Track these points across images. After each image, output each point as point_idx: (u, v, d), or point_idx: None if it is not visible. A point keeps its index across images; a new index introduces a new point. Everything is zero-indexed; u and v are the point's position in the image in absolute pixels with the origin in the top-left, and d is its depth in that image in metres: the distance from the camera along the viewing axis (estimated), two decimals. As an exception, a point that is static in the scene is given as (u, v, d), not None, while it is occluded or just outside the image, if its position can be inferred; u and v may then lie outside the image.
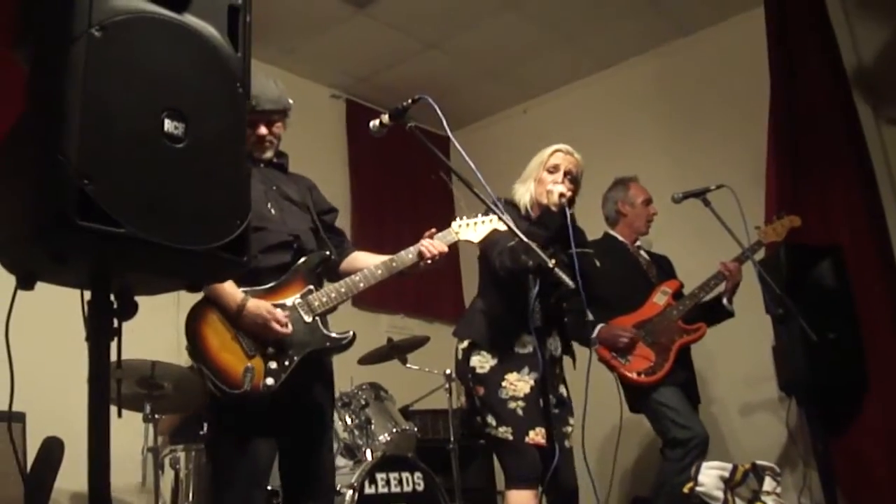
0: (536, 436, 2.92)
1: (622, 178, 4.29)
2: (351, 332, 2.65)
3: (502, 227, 2.79)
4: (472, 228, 2.92)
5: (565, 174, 3.15)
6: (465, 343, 3.14)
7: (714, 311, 3.97)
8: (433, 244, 2.79)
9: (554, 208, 2.99)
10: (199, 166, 1.39)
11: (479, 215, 2.93)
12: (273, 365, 2.50)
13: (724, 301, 3.92)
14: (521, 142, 3.48)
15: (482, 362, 3.05)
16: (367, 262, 2.81)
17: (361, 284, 2.70)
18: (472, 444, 5.11)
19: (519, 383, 2.99)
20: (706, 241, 4.20)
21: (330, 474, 2.78)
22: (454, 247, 2.96)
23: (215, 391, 2.43)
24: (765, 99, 4.49)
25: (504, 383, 3.00)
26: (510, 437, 2.95)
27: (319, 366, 2.70)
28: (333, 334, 2.64)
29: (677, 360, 3.84)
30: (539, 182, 3.18)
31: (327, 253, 2.76)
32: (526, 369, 3.02)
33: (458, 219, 2.94)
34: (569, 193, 3.06)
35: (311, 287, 2.66)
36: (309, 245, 2.74)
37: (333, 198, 3.02)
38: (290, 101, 2.76)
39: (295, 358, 2.53)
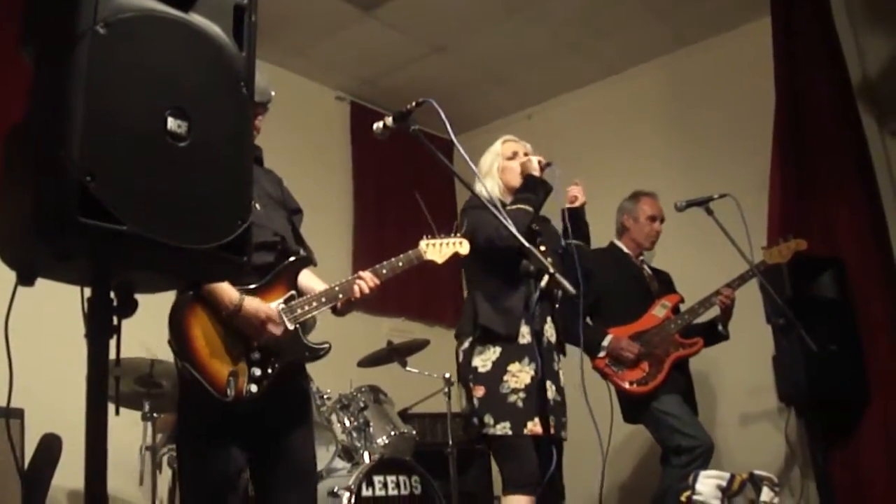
0: (535, 426, 2.93)
1: (638, 192, 4.29)
2: (327, 344, 2.61)
3: (464, 251, 2.92)
4: (437, 249, 2.91)
5: (525, 154, 3.30)
6: (467, 343, 3.13)
7: (710, 334, 3.99)
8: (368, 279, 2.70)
9: (536, 173, 3.13)
10: (202, 165, 1.39)
11: (445, 236, 2.94)
12: (257, 371, 2.46)
13: (719, 327, 3.95)
14: (525, 147, 3.48)
15: (484, 360, 3.05)
16: (309, 284, 2.73)
17: (341, 296, 2.67)
18: (471, 449, 5.11)
19: (521, 374, 3.00)
20: (708, 250, 4.20)
21: (311, 454, 2.66)
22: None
23: (200, 393, 2.36)
24: (770, 108, 4.48)
25: (506, 377, 3.00)
26: (509, 432, 2.94)
27: (297, 368, 2.67)
28: (312, 344, 2.60)
29: (676, 369, 3.85)
30: (504, 170, 3.29)
31: (310, 258, 2.71)
32: (527, 360, 3.02)
33: (424, 238, 2.92)
34: (544, 161, 3.18)
35: (293, 293, 2.61)
36: (291, 247, 2.68)
37: (336, 199, 3.02)
38: (273, 93, 2.66)
39: (277, 366, 2.50)
